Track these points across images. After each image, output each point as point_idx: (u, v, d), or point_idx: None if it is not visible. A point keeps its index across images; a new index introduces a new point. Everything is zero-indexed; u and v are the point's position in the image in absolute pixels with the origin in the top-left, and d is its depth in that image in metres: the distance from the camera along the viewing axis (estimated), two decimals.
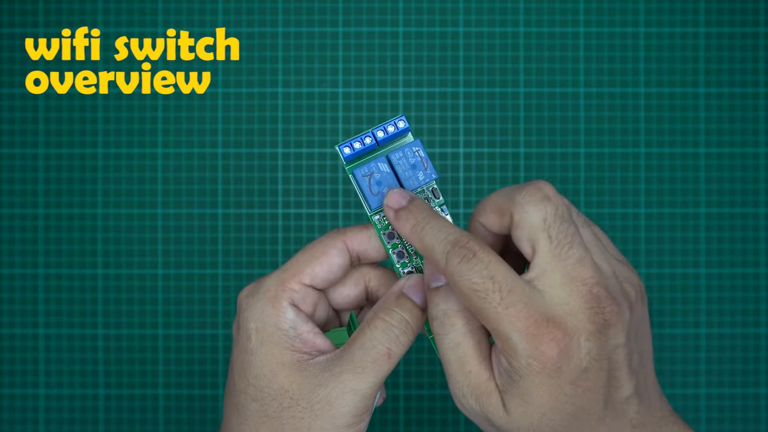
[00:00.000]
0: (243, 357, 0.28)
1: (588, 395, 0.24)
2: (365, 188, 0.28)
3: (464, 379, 0.26)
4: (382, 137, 0.29)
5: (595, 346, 0.24)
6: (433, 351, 0.52)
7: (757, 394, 0.52)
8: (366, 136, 0.29)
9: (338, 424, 0.26)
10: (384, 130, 0.29)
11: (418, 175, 0.29)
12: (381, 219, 0.29)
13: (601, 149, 0.52)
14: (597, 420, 0.25)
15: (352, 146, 0.29)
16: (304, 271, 0.28)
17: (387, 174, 0.29)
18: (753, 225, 0.52)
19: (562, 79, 0.52)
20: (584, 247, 0.25)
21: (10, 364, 0.52)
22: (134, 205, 0.52)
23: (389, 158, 0.29)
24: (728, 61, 0.52)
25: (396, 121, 0.29)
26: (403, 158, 0.29)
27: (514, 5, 0.52)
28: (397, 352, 0.27)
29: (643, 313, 0.26)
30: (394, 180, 0.28)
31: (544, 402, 0.24)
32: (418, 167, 0.29)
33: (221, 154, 0.52)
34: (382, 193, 0.29)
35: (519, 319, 0.23)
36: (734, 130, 0.52)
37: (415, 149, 0.29)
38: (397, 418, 0.52)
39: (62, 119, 0.52)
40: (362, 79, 0.52)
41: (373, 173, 0.28)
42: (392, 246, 0.30)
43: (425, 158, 0.29)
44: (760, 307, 0.52)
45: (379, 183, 0.29)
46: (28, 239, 0.52)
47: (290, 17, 0.52)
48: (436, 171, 0.29)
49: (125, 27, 0.52)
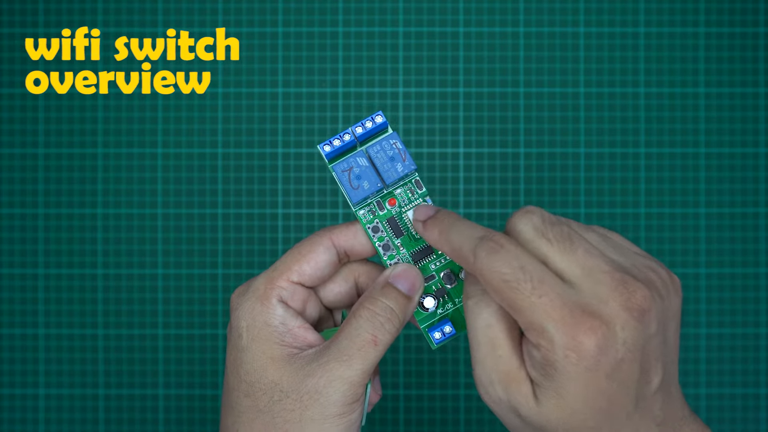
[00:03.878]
0: (235, 355, 0.28)
1: (622, 390, 0.23)
2: (345, 183, 0.29)
3: (494, 364, 0.25)
4: (360, 133, 0.29)
5: (631, 335, 0.23)
6: (432, 351, 0.52)
7: (757, 394, 0.52)
8: (345, 134, 0.29)
9: (328, 414, 0.27)
10: (362, 125, 0.29)
11: (396, 167, 0.29)
12: (365, 213, 0.30)
13: (601, 149, 0.52)
14: (627, 416, 0.24)
15: (332, 143, 0.29)
16: (292, 269, 0.29)
17: (366, 168, 0.29)
18: (753, 225, 0.52)
19: (562, 79, 0.52)
20: (588, 242, 0.24)
21: (10, 364, 0.52)
22: (134, 205, 0.52)
23: (368, 152, 0.29)
24: (728, 61, 0.52)
25: (374, 117, 0.29)
26: (381, 151, 0.29)
27: (514, 5, 0.52)
28: (384, 340, 0.27)
29: (676, 306, 0.25)
30: (373, 173, 0.29)
31: (579, 397, 0.23)
32: (396, 159, 0.29)
33: (221, 154, 0.52)
34: (362, 187, 0.29)
35: (554, 308, 0.23)
36: (734, 130, 0.52)
37: (392, 142, 0.29)
38: (397, 418, 0.52)
39: (62, 119, 0.52)
40: (362, 79, 0.52)
41: (352, 168, 0.29)
42: (378, 239, 0.30)
43: (403, 150, 0.29)
44: (760, 307, 0.52)
45: (359, 177, 0.29)
46: (28, 239, 0.52)
47: (290, 17, 0.52)
48: (414, 162, 0.30)
49: (125, 27, 0.52)
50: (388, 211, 0.30)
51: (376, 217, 0.30)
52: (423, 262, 0.30)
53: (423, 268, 0.30)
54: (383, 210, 0.30)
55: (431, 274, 0.30)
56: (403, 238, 0.30)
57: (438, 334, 0.30)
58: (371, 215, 0.30)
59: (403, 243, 0.30)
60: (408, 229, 0.30)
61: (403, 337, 0.52)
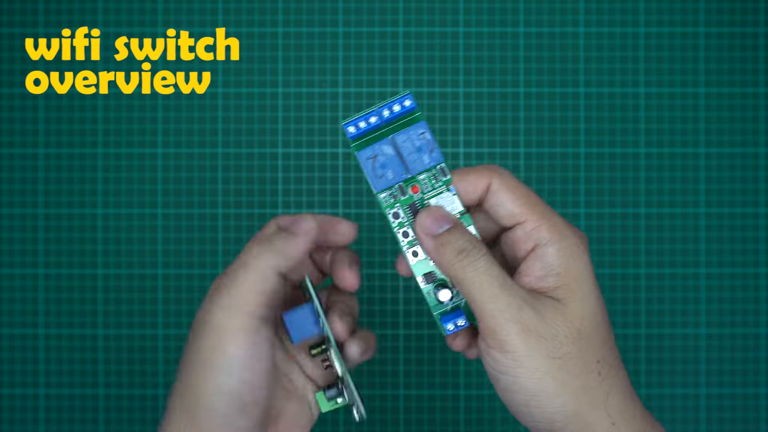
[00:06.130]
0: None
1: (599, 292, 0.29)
2: (369, 171, 0.28)
3: (516, 289, 0.27)
4: (388, 116, 0.28)
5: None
6: (432, 351, 0.52)
7: (757, 394, 0.52)
8: (371, 116, 0.28)
9: (241, 303, 0.27)
10: (390, 109, 0.28)
11: (423, 158, 0.28)
12: (387, 197, 0.29)
13: (601, 149, 0.52)
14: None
15: (357, 125, 0.28)
16: (249, 304, 0.28)
17: (392, 157, 0.28)
18: (753, 225, 0.52)
19: (562, 79, 0.52)
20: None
21: (10, 364, 0.52)
22: (134, 205, 0.52)
23: (394, 140, 0.28)
24: (728, 61, 0.52)
25: (402, 100, 0.28)
26: (408, 141, 0.28)
27: (514, 5, 0.52)
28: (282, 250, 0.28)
29: None
30: (398, 163, 0.28)
31: (593, 297, 0.28)
32: (424, 150, 0.28)
33: (221, 154, 0.52)
34: (386, 176, 0.28)
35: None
36: (734, 130, 0.52)
37: (420, 132, 0.28)
38: (397, 418, 0.52)
39: (62, 119, 0.52)
40: (362, 79, 0.52)
41: (377, 156, 0.28)
42: (398, 225, 0.30)
43: (431, 141, 0.28)
44: (760, 307, 0.52)
45: (384, 166, 0.28)
46: (28, 239, 0.52)
47: (290, 17, 0.52)
48: (441, 154, 0.29)
49: (125, 27, 0.52)
50: (410, 197, 0.29)
51: (397, 202, 0.29)
52: None
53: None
54: (405, 195, 0.29)
55: None
56: None
57: (451, 325, 0.30)
58: (392, 199, 0.29)
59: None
60: None
61: (403, 337, 0.52)
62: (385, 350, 0.52)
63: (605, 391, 0.27)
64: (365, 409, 0.31)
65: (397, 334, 0.52)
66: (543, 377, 0.26)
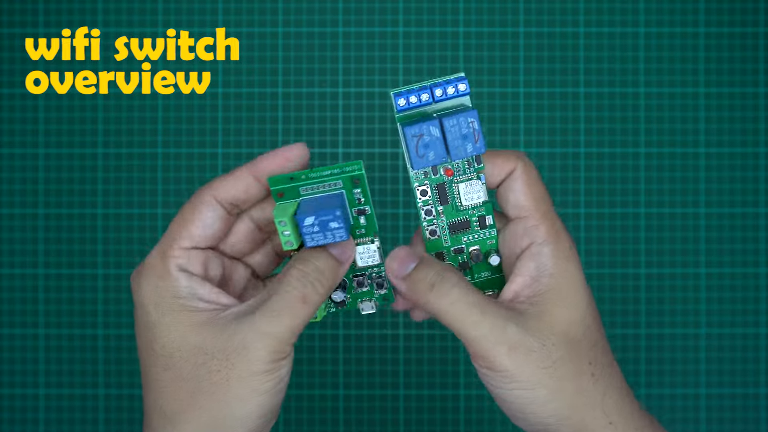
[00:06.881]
0: (146, 334, 0.28)
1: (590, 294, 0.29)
2: (412, 149, 0.28)
3: (495, 310, 0.27)
4: (440, 96, 0.28)
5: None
6: (431, 351, 0.52)
7: (757, 394, 0.52)
8: (423, 92, 0.28)
9: (256, 370, 0.26)
10: (444, 90, 0.28)
11: (467, 147, 0.28)
12: (418, 173, 0.29)
13: (601, 149, 0.52)
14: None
15: (408, 100, 0.28)
16: (182, 236, 0.28)
17: (436, 139, 0.28)
18: (753, 225, 0.52)
19: (562, 79, 0.52)
20: None
21: (10, 364, 0.52)
22: (134, 205, 0.52)
23: (442, 123, 0.28)
24: (728, 61, 0.52)
25: (457, 83, 0.28)
26: (456, 126, 0.28)
27: (514, 5, 0.52)
28: (312, 299, 0.27)
29: None
30: (442, 146, 0.28)
31: (583, 299, 0.28)
32: (469, 138, 0.28)
33: (221, 154, 0.52)
34: (427, 156, 0.28)
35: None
36: (734, 130, 0.52)
37: (470, 120, 0.28)
38: (397, 418, 0.52)
39: (62, 119, 0.52)
40: (362, 79, 0.52)
41: (422, 135, 0.28)
42: (423, 202, 0.30)
43: (478, 131, 0.28)
44: (760, 307, 0.52)
45: (427, 146, 0.28)
46: (28, 239, 0.52)
47: (290, 17, 0.52)
48: (485, 145, 0.29)
49: (125, 27, 0.52)
50: (441, 176, 0.30)
51: (427, 179, 0.30)
52: (456, 234, 0.30)
53: (454, 240, 0.31)
54: (436, 174, 0.30)
55: (461, 246, 0.31)
56: (446, 207, 0.30)
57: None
58: (423, 176, 0.30)
59: (445, 211, 0.30)
60: (454, 200, 0.30)
61: (403, 337, 0.52)
62: (385, 350, 0.52)
63: (600, 391, 0.27)
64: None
65: (397, 334, 0.52)
66: (535, 387, 0.27)
